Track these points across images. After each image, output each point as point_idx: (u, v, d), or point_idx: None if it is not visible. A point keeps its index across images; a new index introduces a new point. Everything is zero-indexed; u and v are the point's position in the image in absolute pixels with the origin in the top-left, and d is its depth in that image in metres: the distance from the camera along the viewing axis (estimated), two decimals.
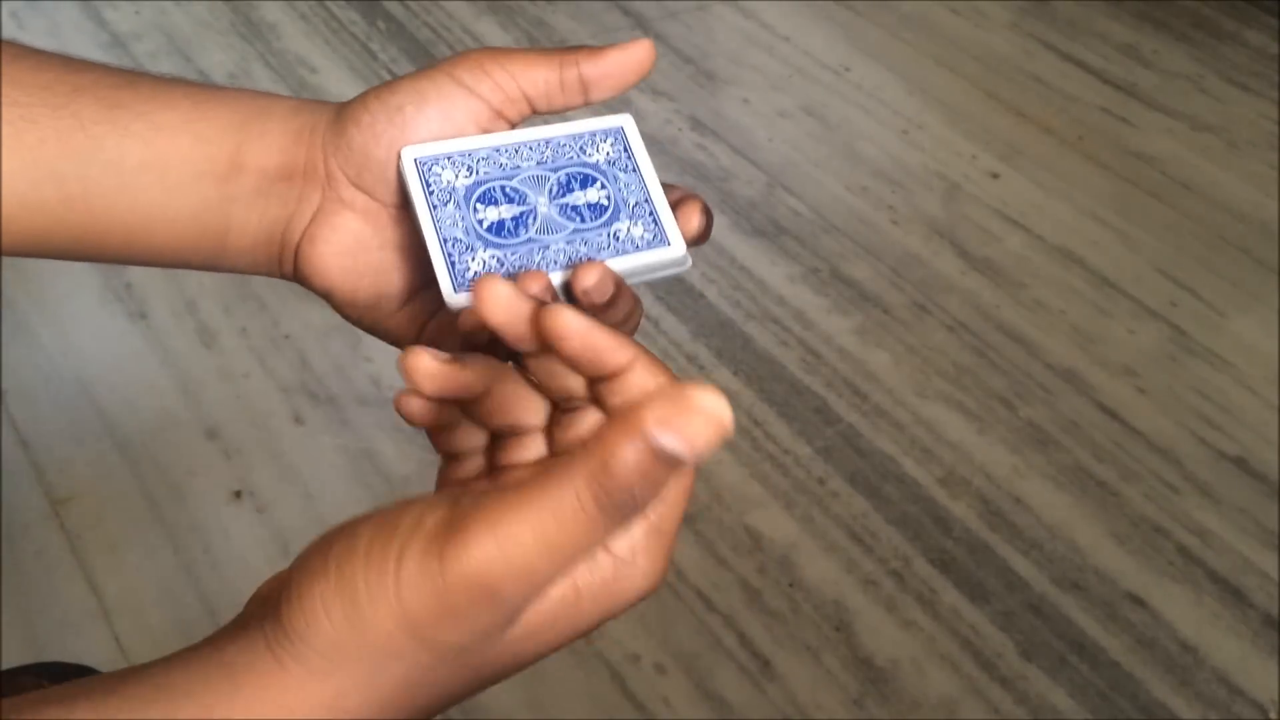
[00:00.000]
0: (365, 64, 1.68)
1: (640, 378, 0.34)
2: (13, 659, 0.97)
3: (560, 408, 0.37)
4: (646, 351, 0.34)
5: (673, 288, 1.39)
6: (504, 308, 0.34)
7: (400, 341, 0.45)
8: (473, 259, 0.40)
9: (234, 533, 1.11)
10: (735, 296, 1.39)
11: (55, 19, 1.70)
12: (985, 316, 1.40)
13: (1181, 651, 1.09)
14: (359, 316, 0.44)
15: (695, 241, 0.43)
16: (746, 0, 1.90)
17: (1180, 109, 1.76)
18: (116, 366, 1.24)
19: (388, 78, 1.75)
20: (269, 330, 1.29)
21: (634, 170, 0.43)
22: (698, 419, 0.28)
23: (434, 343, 0.44)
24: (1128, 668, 1.07)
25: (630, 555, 0.33)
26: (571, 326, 0.33)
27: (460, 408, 0.38)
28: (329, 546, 0.32)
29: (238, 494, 1.14)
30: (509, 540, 0.29)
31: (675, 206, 0.43)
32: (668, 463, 0.28)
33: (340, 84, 1.64)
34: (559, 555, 0.30)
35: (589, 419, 0.36)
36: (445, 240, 0.40)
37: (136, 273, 1.34)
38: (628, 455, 0.28)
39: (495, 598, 0.30)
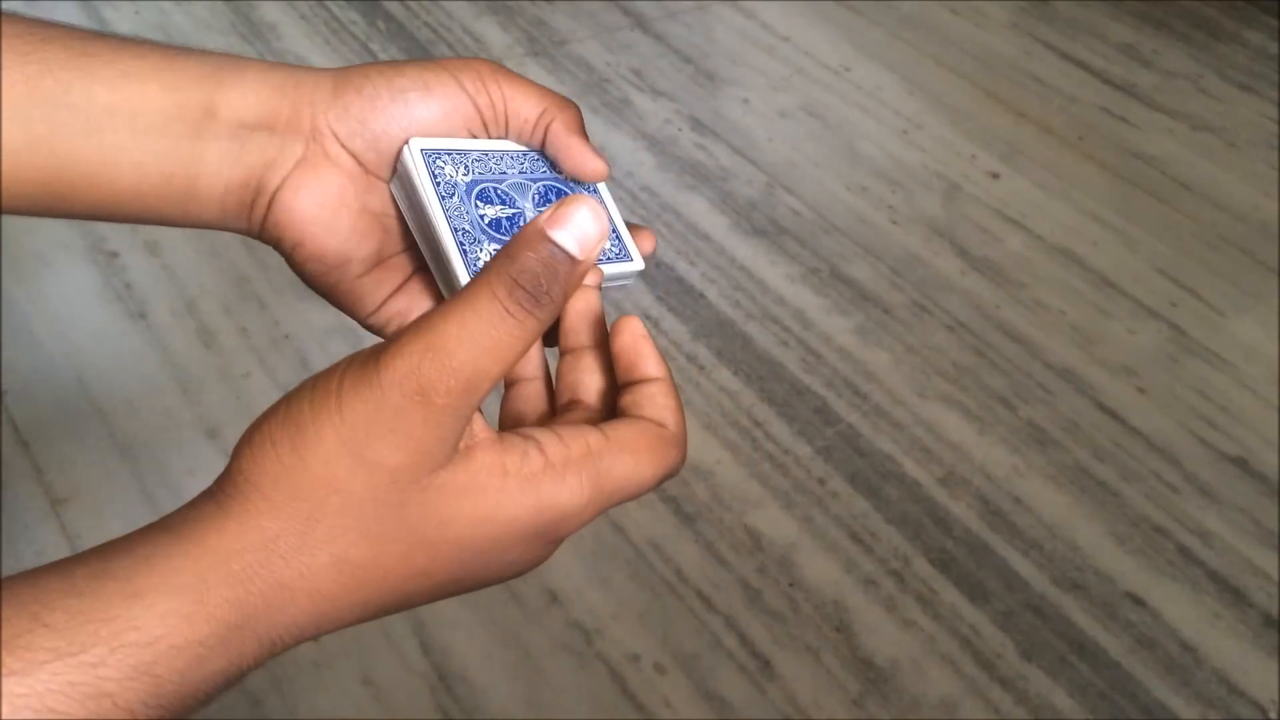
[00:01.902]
0: None
1: (660, 391, 0.39)
2: None
3: (558, 415, 0.41)
4: (668, 375, 0.40)
5: (672, 288, 1.39)
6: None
7: (352, 309, 0.46)
8: (481, 250, 0.42)
9: None
10: (735, 296, 1.39)
11: (54, 19, 1.70)
12: (985, 316, 1.40)
13: (1181, 651, 1.09)
14: (322, 274, 0.45)
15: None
16: (746, 0, 1.90)
17: (1180, 109, 1.76)
18: (116, 366, 1.24)
19: None
20: (269, 330, 1.29)
21: (594, 191, 0.47)
22: (580, 214, 0.34)
23: (398, 322, 0.46)
24: (1128, 668, 1.07)
25: (561, 464, 0.35)
26: (635, 324, 0.40)
27: None
28: (274, 405, 0.34)
29: None
30: (435, 336, 0.33)
31: (633, 232, 0.47)
32: (565, 257, 0.34)
33: None
34: (482, 352, 0.33)
35: (584, 432, 0.39)
36: (455, 230, 0.42)
37: (136, 272, 1.34)
38: (528, 247, 0.34)
39: (427, 399, 0.32)
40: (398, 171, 0.44)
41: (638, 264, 0.46)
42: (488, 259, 0.42)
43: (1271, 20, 1.96)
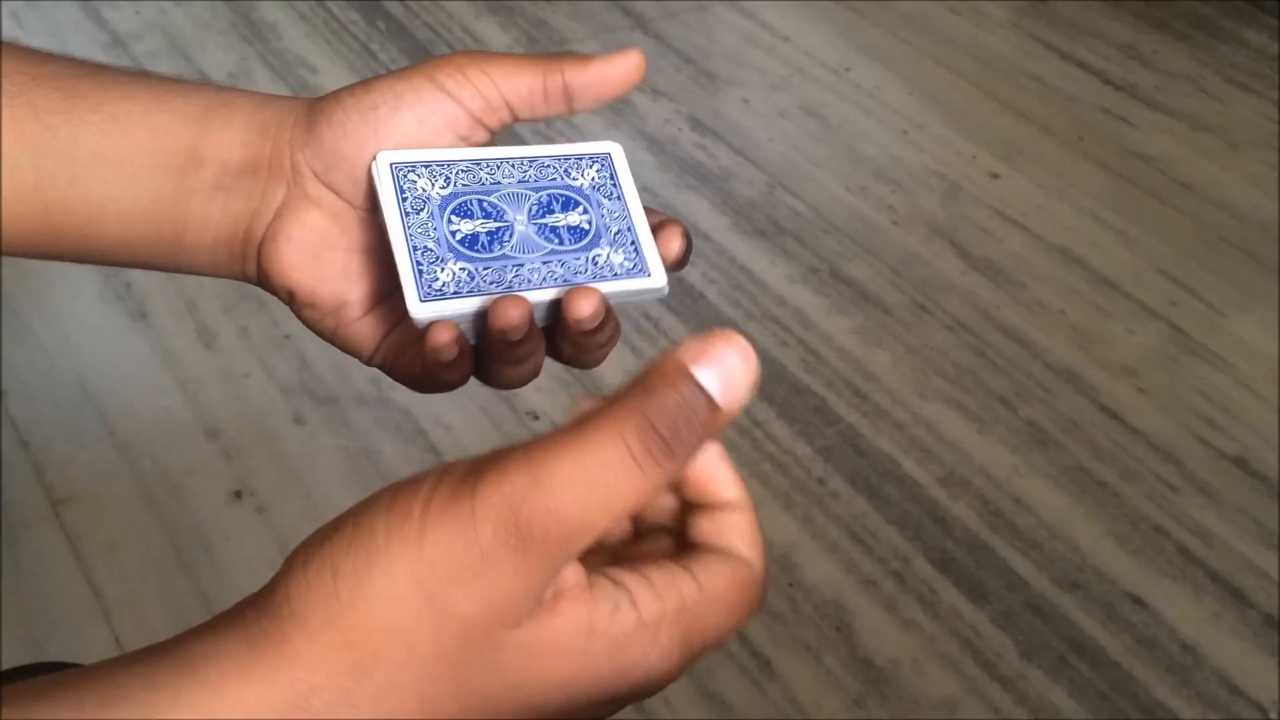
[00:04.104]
0: (365, 64, 1.68)
1: (744, 522, 0.35)
2: (13, 659, 0.97)
3: (639, 542, 0.36)
4: (750, 503, 0.35)
5: (673, 288, 1.39)
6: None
7: (358, 353, 0.44)
8: (441, 270, 0.39)
9: (234, 533, 1.11)
10: (735, 296, 1.39)
11: (55, 19, 1.70)
12: (985, 316, 1.40)
13: (1181, 651, 1.09)
14: (319, 320, 0.43)
15: (674, 267, 0.43)
16: (746, 0, 1.90)
17: (1180, 109, 1.76)
18: (116, 366, 1.24)
19: None
20: (269, 330, 1.29)
21: (618, 198, 0.42)
22: (730, 354, 0.30)
23: (391, 359, 0.43)
24: (1128, 668, 1.07)
25: (655, 623, 0.30)
26: (712, 446, 0.34)
27: None
28: (343, 516, 0.29)
29: (238, 494, 1.14)
30: (543, 470, 0.28)
31: (655, 231, 0.42)
32: (706, 403, 0.29)
33: (340, 84, 1.63)
34: (595, 501, 0.28)
35: (677, 579, 0.33)
36: (415, 248, 0.39)
37: (136, 273, 1.34)
38: (667, 383, 0.29)
39: (523, 543, 0.27)
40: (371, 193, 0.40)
41: (655, 279, 0.42)
42: (448, 279, 0.38)
43: (1271, 20, 1.96)
